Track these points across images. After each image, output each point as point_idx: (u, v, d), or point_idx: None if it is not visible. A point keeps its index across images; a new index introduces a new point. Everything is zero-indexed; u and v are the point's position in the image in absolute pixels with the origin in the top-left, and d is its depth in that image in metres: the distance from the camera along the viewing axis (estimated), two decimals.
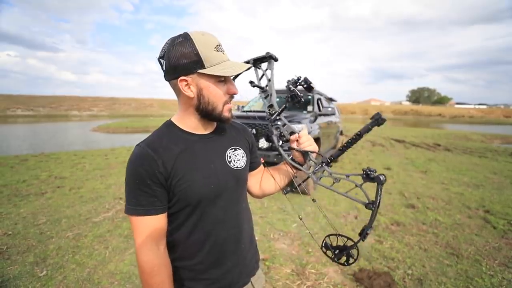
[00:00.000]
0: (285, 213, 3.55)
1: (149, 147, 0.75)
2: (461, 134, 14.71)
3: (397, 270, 2.29)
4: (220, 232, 0.83)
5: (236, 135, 0.94)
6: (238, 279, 0.88)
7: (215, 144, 0.85)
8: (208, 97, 0.76)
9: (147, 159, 0.73)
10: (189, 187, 0.75)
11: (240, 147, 0.92)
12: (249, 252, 0.93)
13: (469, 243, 2.78)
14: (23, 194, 4.08)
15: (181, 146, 0.78)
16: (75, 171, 5.58)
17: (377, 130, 16.88)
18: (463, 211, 3.65)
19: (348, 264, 0.77)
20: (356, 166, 6.59)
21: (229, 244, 0.85)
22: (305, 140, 0.87)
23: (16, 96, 44.13)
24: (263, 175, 1.04)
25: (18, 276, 2.13)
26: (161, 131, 0.81)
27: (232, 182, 0.84)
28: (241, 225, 0.89)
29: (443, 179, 5.34)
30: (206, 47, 0.72)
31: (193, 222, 0.79)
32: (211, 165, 0.81)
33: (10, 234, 2.78)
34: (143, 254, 0.73)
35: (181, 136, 0.80)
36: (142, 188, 0.73)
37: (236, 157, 0.88)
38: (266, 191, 1.02)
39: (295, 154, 0.91)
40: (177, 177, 0.75)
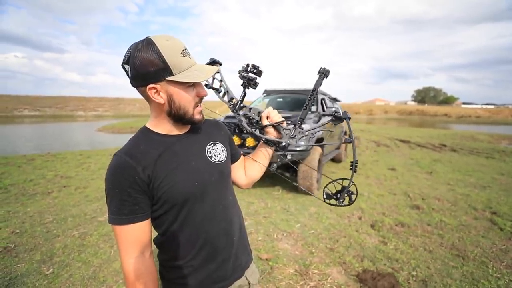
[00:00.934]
0: (288, 213, 3.54)
1: (127, 155, 0.74)
2: (468, 135, 14.51)
3: (402, 271, 2.27)
4: (210, 227, 0.84)
5: (212, 130, 0.96)
6: (232, 272, 0.90)
7: (193, 142, 0.87)
8: (179, 102, 0.77)
9: (126, 168, 0.72)
10: (173, 188, 0.76)
11: (218, 141, 0.94)
12: (241, 244, 0.94)
13: (475, 245, 2.74)
14: (30, 193, 4.15)
15: (160, 149, 0.79)
16: (80, 171, 5.65)
17: (382, 130, 16.76)
18: (469, 212, 3.61)
19: (353, 201, 0.85)
20: (360, 166, 6.55)
21: (220, 239, 0.86)
22: (274, 114, 0.98)
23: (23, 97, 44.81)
24: (245, 164, 1.08)
25: (25, 273, 2.16)
26: (137, 138, 0.81)
27: (216, 176, 0.86)
28: (231, 218, 0.90)
29: (449, 180, 5.28)
30: (172, 53, 0.71)
31: (182, 221, 0.80)
32: (192, 163, 0.82)
33: (18, 233, 2.83)
34: (128, 263, 0.74)
35: (158, 139, 0.81)
36: (123, 197, 0.72)
37: (216, 151, 0.90)
38: (253, 176, 1.06)
39: (269, 132, 1.00)
40: (159, 180, 0.75)
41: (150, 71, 0.71)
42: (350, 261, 2.42)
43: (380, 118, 46.05)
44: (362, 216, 3.45)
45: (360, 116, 48.66)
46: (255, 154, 1.05)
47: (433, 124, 31.39)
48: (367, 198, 4.17)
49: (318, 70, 0.92)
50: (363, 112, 53.27)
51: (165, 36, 0.73)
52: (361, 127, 19.86)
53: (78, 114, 38.84)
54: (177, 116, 0.79)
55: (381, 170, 6.19)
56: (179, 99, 0.76)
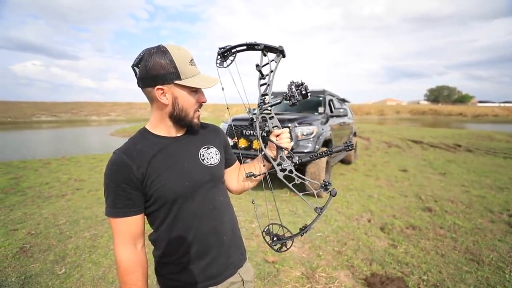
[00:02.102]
0: (296, 215, 3.52)
1: (124, 153, 0.81)
2: (484, 134, 13.98)
3: (412, 275, 2.21)
4: (199, 225, 0.88)
5: (209, 135, 1.00)
6: (223, 270, 0.93)
7: (188, 144, 0.92)
8: (182, 105, 0.83)
9: (122, 165, 0.79)
10: (164, 186, 0.81)
11: (212, 145, 0.98)
12: (232, 244, 0.97)
13: (491, 249, 2.63)
14: (46, 196, 4.30)
15: (155, 150, 0.84)
16: (93, 174, 5.82)
17: (393, 131, 16.39)
18: (485, 215, 3.47)
19: (279, 251, 0.88)
20: (370, 168, 6.43)
21: (209, 237, 0.90)
22: (284, 137, 0.95)
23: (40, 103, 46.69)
24: (240, 171, 1.09)
25: (39, 273, 2.24)
26: (135, 138, 0.87)
27: (207, 178, 0.90)
28: (221, 217, 0.93)
29: (464, 181, 5.10)
30: (182, 61, 0.80)
31: (172, 218, 0.85)
32: (185, 164, 0.87)
33: (33, 234, 2.94)
34: (120, 253, 0.80)
35: (154, 140, 0.86)
36: (118, 192, 0.78)
37: (209, 155, 0.94)
38: (245, 185, 1.07)
39: (271, 147, 0.99)
40: (151, 178, 0.80)
41: (161, 73, 0.78)
42: (358, 265, 2.37)
43: (392, 119, 45.08)
44: (371, 218, 3.38)
45: (371, 117, 47.81)
46: (250, 165, 1.07)
47: (447, 124, 30.45)
48: (377, 200, 4.09)
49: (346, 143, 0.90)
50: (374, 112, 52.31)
51: (175, 45, 0.81)
52: (372, 127, 19.49)
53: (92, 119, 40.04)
54: (178, 118, 0.85)
55: (392, 171, 6.06)
56: (183, 102, 0.83)
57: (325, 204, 0.86)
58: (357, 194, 4.40)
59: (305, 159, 0.93)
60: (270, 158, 0.95)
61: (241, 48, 0.91)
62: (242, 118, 4.49)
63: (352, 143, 0.89)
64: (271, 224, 0.91)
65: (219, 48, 0.91)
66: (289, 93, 0.90)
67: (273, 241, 0.88)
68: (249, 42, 0.91)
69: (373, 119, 41.66)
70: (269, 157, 0.95)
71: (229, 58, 0.92)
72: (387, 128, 19.35)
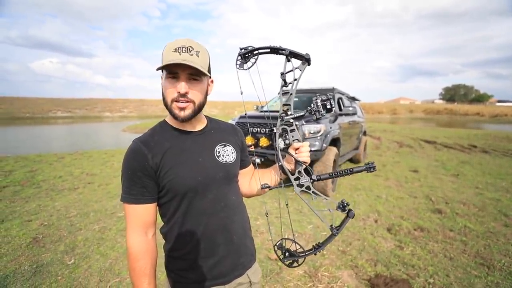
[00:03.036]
0: (301, 214, 3.50)
1: (141, 142, 0.84)
2: (503, 135, 13.41)
3: (417, 278, 2.16)
4: (208, 222, 0.87)
5: (227, 134, 1.00)
6: (231, 269, 0.92)
7: (205, 140, 0.92)
8: (163, 91, 0.84)
9: (139, 153, 0.82)
10: (176, 179, 0.82)
11: (229, 144, 0.97)
12: (242, 244, 0.96)
13: (503, 253, 2.54)
14: (59, 189, 4.46)
15: (172, 142, 0.86)
16: (104, 169, 5.98)
17: (405, 130, 16.00)
18: (499, 218, 3.34)
19: (290, 266, 0.87)
20: (380, 168, 6.31)
21: (218, 235, 0.89)
22: (304, 151, 0.92)
23: (56, 99, 48.24)
24: (253, 176, 1.08)
25: (50, 262, 2.33)
26: (155, 129, 0.90)
27: (221, 175, 0.90)
28: (231, 216, 0.92)
29: (478, 184, 4.93)
30: (168, 49, 0.80)
31: (182, 212, 0.86)
32: (199, 159, 0.87)
33: (46, 225, 3.06)
34: (131, 240, 0.82)
35: (172, 133, 0.89)
36: (134, 179, 0.81)
37: (225, 153, 0.94)
38: (253, 191, 1.06)
39: (288, 159, 0.96)
40: (165, 170, 0.82)
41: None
42: (363, 265, 2.34)
43: (405, 118, 43.95)
44: (378, 219, 3.33)
45: (383, 116, 46.80)
46: (265, 172, 1.06)
47: (463, 124, 29.41)
48: (385, 200, 4.01)
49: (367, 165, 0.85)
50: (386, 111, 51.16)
51: (181, 39, 0.82)
52: (384, 127, 19.08)
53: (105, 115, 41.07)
54: (165, 107, 0.85)
55: (402, 171, 5.92)
56: (163, 90, 0.84)
57: (341, 225, 0.83)
58: (365, 194, 4.33)
59: (324, 177, 0.88)
60: (287, 171, 0.92)
61: (264, 50, 0.87)
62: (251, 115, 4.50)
63: (375, 165, 0.85)
64: (283, 239, 0.89)
65: (240, 49, 0.87)
66: (314, 107, 0.88)
67: (285, 256, 0.86)
68: (274, 46, 0.87)
69: (385, 118, 40.75)
70: (287, 170, 0.93)
71: (250, 60, 0.88)
72: (399, 128, 18.88)
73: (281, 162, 0.93)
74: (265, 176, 1.04)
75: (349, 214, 0.80)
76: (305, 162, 0.91)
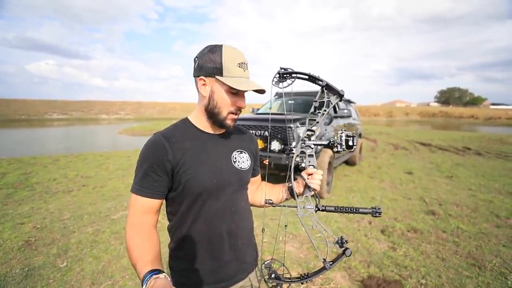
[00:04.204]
0: (296, 216, 3.50)
1: (163, 137, 0.84)
2: (496, 137, 13.57)
3: (410, 279, 2.18)
4: (217, 225, 0.88)
5: (244, 140, 1.01)
6: (235, 274, 0.92)
7: (223, 144, 0.93)
8: (217, 101, 0.84)
9: (159, 147, 0.82)
10: (194, 178, 0.82)
11: (245, 151, 0.98)
12: (247, 249, 0.97)
13: (494, 254, 2.57)
14: (53, 191, 4.42)
15: (192, 141, 0.87)
16: (99, 171, 5.94)
17: (401, 133, 16.13)
18: (491, 219, 3.38)
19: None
20: (375, 170, 6.35)
21: (226, 239, 0.90)
22: (317, 178, 0.93)
23: (53, 101, 47.91)
24: (258, 187, 1.09)
25: (42, 266, 2.31)
26: (177, 126, 0.91)
27: (235, 181, 0.91)
28: (239, 222, 0.93)
29: (471, 185, 4.99)
30: (230, 60, 0.82)
31: (195, 212, 0.86)
32: (217, 162, 0.88)
33: (39, 228, 3.03)
34: (130, 226, 0.82)
35: (193, 132, 0.90)
36: (148, 172, 0.81)
37: (241, 159, 0.95)
38: (255, 202, 1.07)
39: (299, 181, 0.97)
40: (184, 168, 0.82)
41: (208, 66, 0.82)
42: (356, 266, 2.35)
43: (401, 121, 44.29)
44: (372, 220, 3.35)
45: (379, 119, 47.11)
46: (273, 188, 1.07)
47: (458, 126, 29.72)
48: (379, 202, 4.04)
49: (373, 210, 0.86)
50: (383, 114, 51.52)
51: (233, 47, 0.84)
52: (380, 129, 19.21)
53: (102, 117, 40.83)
54: (211, 112, 0.86)
55: (397, 173, 5.97)
56: (218, 98, 0.84)
57: (335, 260, 0.81)
58: (359, 196, 4.36)
59: (329, 209, 0.89)
60: (295, 193, 0.94)
61: (303, 76, 0.90)
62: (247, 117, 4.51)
63: (381, 210, 0.84)
64: (273, 259, 0.89)
65: (280, 68, 0.90)
66: (337, 140, 0.89)
67: (270, 277, 0.86)
68: (313, 75, 0.89)
69: (381, 121, 41.04)
70: (295, 192, 0.94)
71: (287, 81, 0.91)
72: (395, 130, 19.03)
73: (292, 183, 0.93)
74: (272, 191, 1.05)
75: (346, 252, 0.79)
76: (315, 189, 0.92)
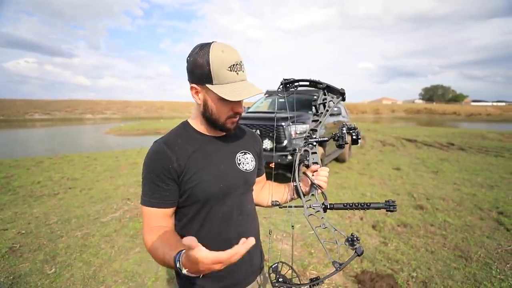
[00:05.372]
0: (289, 214, 3.52)
1: (165, 144, 0.81)
2: (477, 133, 14.16)
3: (401, 272, 2.24)
4: (226, 230, 0.86)
5: (247, 140, 0.99)
6: (245, 277, 0.92)
7: (226, 146, 0.90)
8: (212, 109, 0.81)
9: (163, 155, 0.79)
10: (199, 185, 0.80)
11: (249, 151, 0.96)
12: (255, 252, 0.96)
13: (479, 245, 2.68)
14: (37, 195, 4.25)
15: (195, 146, 0.84)
16: (86, 173, 5.76)
17: (388, 129, 16.53)
18: (475, 212, 3.53)
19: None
20: (364, 166, 6.48)
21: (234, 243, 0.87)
22: (322, 175, 0.90)
23: (34, 101, 46.01)
24: (263, 187, 1.08)
25: (28, 273, 2.22)
26: (177, 131, 0.87)
27: (240, 183, 0.89)
28: (246, 224, 0.92)
29: (455, 180, 5.17)
30: (219, 65, 0.74)
31: (202, 218, 0.84)
32: (221, 166, 0.86)
33: (23, 233, 2.91)
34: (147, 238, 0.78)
35: (195, 136, 0.86)
36: (156, 182, 0.78)
37: (245, 160, 0.93)
38: (260, 202, 1.06)
39: (304, 180, 0.94)
40: (189, 175, 0.80)
41: (197, 72, 0.76)
42: (348, 254, 2.39)
43: (387, 117, 45.43)
44: (363, 216, 3.41)
45: (367, 116, 48.10)
46: (278, 187, 1.05)
47: (441, 122, 30.78)
48: (370, 198, 4.12)
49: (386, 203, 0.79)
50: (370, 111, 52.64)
51: (225, 46, 0.76)
52: (367, 126, 19.62)
53: (87, 117, 39.62)
54: (208, 120, 0.83)
55: (386, 169, 6.11)
56: (212, 107, 0.80)
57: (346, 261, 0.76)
58: (350, 192, 4.43)
59: (338, 207, 0.84)
60: (301, 192, 0.90)
61: (304, 83, 0.93)
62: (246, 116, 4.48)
63: (396, 204, 0.78)
64: (281, 262, 0.87)
65: (283, 79, 0.92)
66: (339, 133, 0.85)
67: (277, 281, 0.83)
68: (313, 79, 0.91)
69: (368, 118, 41.93)
70: (300, 191, 0.90)
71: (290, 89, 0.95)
72: (382, 127, 19.49)
73: (297, 183, 0.90)
74: (277, 191, 1.04)
75: (357, 251, 0.73)
76: (321, 186, 0.88)
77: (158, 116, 43.68)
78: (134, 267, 2.33)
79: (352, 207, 0.81)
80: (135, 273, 2.25)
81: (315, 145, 0.92)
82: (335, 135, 0.85)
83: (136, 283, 2.14)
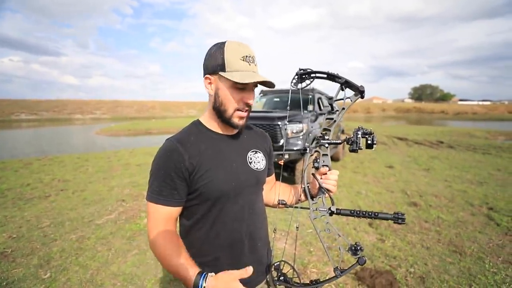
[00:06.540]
0: (287, 213, 3.54)
1: (178, 142, 0.81)
2: (465, 131, 14.58)
3: (399, 268, 2.28)
4: (237, 229, 0.86)
5: (258, 139, 0.99)
6: (255, 276, 0.90)
7: (238, 144, 0.91)
8: (222, 98, 0.81)
9: (175, 153, 0.79)
10: (211, 183, 0.80)
11: (260, 150, 0.96)
12: (264, 251, 0.96)
13: (472, 240, 2.76)
14: (27, 198, 4.13)
15: (207, 144, 0.84)
16: (78, 174, 5.63)
17: (379, 128, 16.80)
18: (466, 208, 3.63)
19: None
20: (358, 164, 6.57)
21: (245, 242, 0.88)
22: (331, 179, 0.88)
23: (20, 101, 44.61)
24: (273, 187, 1.08)
25: (22, 278, 2.15)
26: (190, 129, 0.87)
27: (252, 182, 0.89)
28: (256, 224, 0.92)
29: (446, 177, 5.31)
30: (233, 55, 0.78)
31: (213, 217, 0.83)
32: (233, 164, 0.86)
33: (15, 237, 2.82)
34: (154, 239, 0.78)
35: (207, 134, 0.87)
36: (165, 180, 0.78)
37: (256, 159, 0.93)
38: (268, 202, 1.05)
39: (313, 183, 0.93)
40: (201, 173, 0.80)
41: (212, 64, 0.80)
42: (348, 259, 2.42)
43: (378, 116, 46.19)
44: None
45: (358, 115, 48.77)
46: (286, 188, 1.06)
47: (430, 121, 31.52)
48: (365, 196, 4.19)
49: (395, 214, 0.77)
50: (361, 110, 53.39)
51: (239, 42, 0.80)
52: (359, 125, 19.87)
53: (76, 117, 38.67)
54: (217, 111, 0.83)
55: (379, 168, 6.21)
56: (223, 96, 0.81)
57: (347, 268, 0.75)
58: (345, 190, 4.49)
59: (345, 213, 0.82)
60: (308, 194, 0.89)
61: (321, 75, 0.87)
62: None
63: (405, 216, 0.76)
64: (283, 261, 0.86)
65: (299, 69, 0.87)
66: (353, 137, 0.82)
67: (278, 279, 0.82)
68: (331, 72, 0.86)
69: (360, 117, 42.52)
70: (308, 194, 0.89)
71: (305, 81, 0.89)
72: (373, 126, 19.81)
73: (305, 185, 0.90)
74: (285, 191, 1.04)
75: (359, 261, 0.72)
76: (330, 190, 0.87)
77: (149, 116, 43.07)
78: (133, 269, 2.30)
79: (359, 214, 0.79)
80: (134, 276, 2.21)
81: (327, 147, 0.90)
82: (349, 139, 0.82)
83: (136, 285, 2.10)
